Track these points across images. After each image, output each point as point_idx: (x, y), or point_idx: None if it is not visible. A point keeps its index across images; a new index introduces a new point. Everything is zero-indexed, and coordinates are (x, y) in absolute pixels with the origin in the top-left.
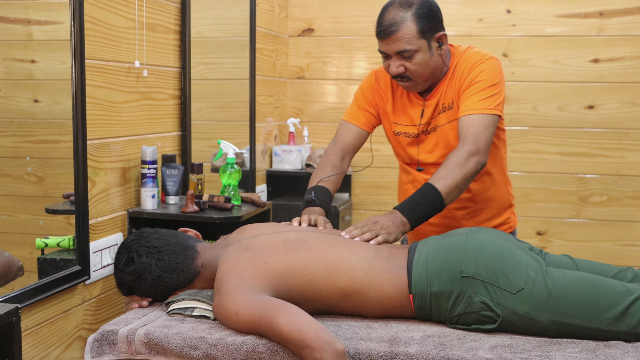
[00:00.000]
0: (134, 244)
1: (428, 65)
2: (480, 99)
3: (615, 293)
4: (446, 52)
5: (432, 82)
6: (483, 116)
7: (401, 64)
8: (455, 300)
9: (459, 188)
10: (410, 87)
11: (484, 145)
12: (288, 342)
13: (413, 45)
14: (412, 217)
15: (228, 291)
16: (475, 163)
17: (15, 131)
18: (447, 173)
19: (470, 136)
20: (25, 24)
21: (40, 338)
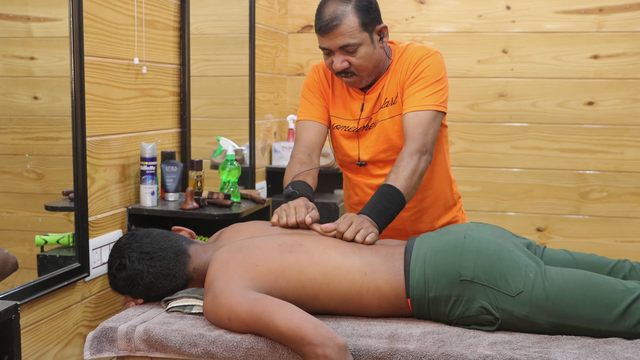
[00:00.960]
0: (125, 249)
1: (372, 59)
2: (426, 95)
3: (614, 293)
4: (387, 46)
5: (375, 76)
6: (429, 112)
7: (345, 59)
8: (453, 305)
9: (415, 187)
10: (354, 82)
11: (431, 143)
12: (288, 340)
13: (356, 38)
14: (381, 221)
15: (217, 295)
16: (426, 161)
17: (14, 128)
18: (404, 174)
19: (419, 134)
20: (25, 20)
21: (39, 335)
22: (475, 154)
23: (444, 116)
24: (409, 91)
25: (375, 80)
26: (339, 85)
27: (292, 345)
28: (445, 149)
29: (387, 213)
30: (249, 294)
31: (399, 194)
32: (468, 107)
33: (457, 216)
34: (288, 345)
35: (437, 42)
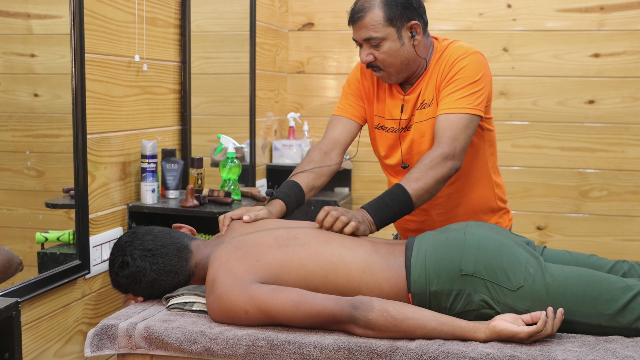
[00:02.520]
0: (127, 247)
1: (398, 55)
2: (460, 97)
3: (615, 289)
4: (423, 44)
5: (408, 74)
6: (461, 116)
7: (370, 52)
8: (454, 299)
9: (430, 192)
10: (383, 77)
11: (460, 149)
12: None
13: (379, 32)
14: (378, 218)
15: (225, 293)
16: (450, 168)
17: (15, 125)
18: (419, 175)
19: (447, 138)
20: (25, 17)
21: (40, 332)
22: None
23: (479, 119)
24: (444, 93)
25: (415, 80)
26: (384, 85)
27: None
28: (488, 153)
29: (387, 211)
30: (261, 286)
31: (405, 193)
32: None
33: (499, 223)
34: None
35: None
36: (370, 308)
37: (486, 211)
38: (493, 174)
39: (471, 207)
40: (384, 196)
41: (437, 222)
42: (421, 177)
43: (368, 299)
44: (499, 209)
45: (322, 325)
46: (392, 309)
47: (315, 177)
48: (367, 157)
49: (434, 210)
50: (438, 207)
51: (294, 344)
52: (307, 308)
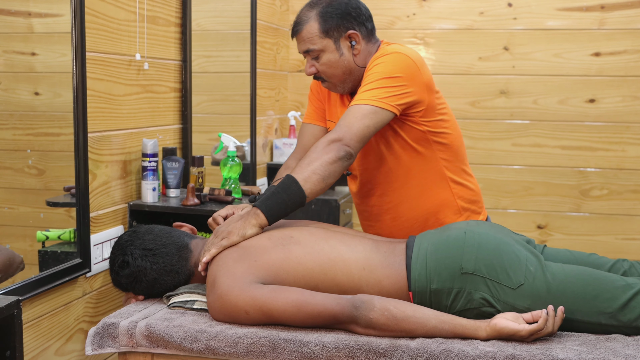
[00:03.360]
0: (128, 246)
1: (338, 66)
2: (365, 91)
3: (615, 287)
4: (367, 52)
5: (353, 83)
6: (361, 107)
7: (312, 64)
8: (455, 297)
9: (321, 175)
10: (329, 87)
11: (351, 134)
12: (323, 322)
13: (316, 44)
14: (265, 206)
15: (225, 293)
16: (337, 150)
17: (15, 124)
18: (305, 160)
19: (339, 126)
20: (26, 16)
21: (41, 330)
22: (476, 151)
23: (390, 115)
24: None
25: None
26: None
27: (328, 324)
28: (438, 156)
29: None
30: (262, 287)
31: (290, 179)
32: (469, 104)
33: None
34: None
35: (438, 39)
36: (371, 307)
37: (446, 212)
38: (453, 175)
39: (426, 209)
40: (271, 186)
41: (392, 226)
42: (305, 161)
43: (369, 297)
44: (462, 210)
45: (323, 325)
46: (393, 308)
47: None
48: None
49: (386, 215)
50: (389, 211)
51: (294, 343)
52: (308, 309)
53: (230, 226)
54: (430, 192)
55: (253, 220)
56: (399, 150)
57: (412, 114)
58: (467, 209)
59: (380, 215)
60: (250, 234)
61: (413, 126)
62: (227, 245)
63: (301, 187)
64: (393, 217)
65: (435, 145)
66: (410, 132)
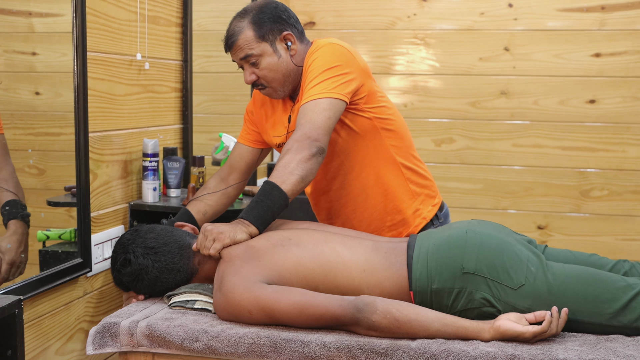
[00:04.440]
0: (130, 244)
1: (278, 69)
2: (312, 86)
3: (616, 288)
4: (302, 52)
5: (293, 85)
6: (317, 101)
7: (252, 71)
8: (456, 297)
9: (297, 174)
10: (270, 94)
11: (317, 128)
12: (325, 324)
13: (254, 49)
14: (252, 216)
15: (231, 290)
16: (309, 147)
17: (16, 124)
18: (281, 164)
19: (301, 125)
20: (27, 16)
21: (42, 330)
22: (476, 151)
23: (344, 104)
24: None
25: (298, 88)
26: (278, 105)
27: (330, 325)
28: (387, 143)
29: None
30: (266, 287)
31: (270, 184)
32: (470, 104)
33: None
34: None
35: (439, 39)
36: (373, 310)
37: (402, 198)
38: (404, 160)
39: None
40: (254, 196)
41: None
42: (284, 164)
43: (371, 299)
44: (415, 194)
45: (325, 327)
46: (395, 310)
47: (209, 203)
48: None
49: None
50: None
51: (295, 342)
52: (310, 311)
53: (221, 228)
54: (384, 178)
55: (243, 227)
56: (349, 141)
57: (356, 101)
58: (420, 193)
59: (339, 210)
60: (240, 238)
61: (359, 114)
62: (220, 248)
63: (282, 191)
64: (352, 209)
65: (384, 132)
66: (358, 121)
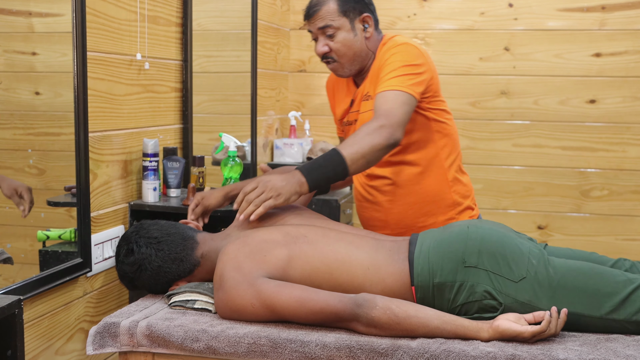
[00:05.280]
0: (133, 236)
1: (351, 46)
2: (392, 77)
3: (616, 282)
4: (374, 38)
5: (360, 66)
6: (397, 93)
7: (325, 43)
8: (458, 290)
9: (366, 158)
10: (336, 68)
11: (397, 120)
12: (325, 319)
13: (335, 21)
14: (310, 177)
15: (234, 287)
16: (387, 136)
17: (16, 123)
18: (355, 141)
19: (384, 111)
20: (27, 16)
21: (42, 330)
22: (476, 151)
23: (416, 102)
24: (380, 79)
25: (364, 72)
26: (338, 85)
27: (329, 323)
28: (440, 145)
29: (321, 170)
30: (268, 281)
31: (338, 155)
32: (470, 104)
33: (454, 219)
34: (324, 324)
35: (439, 39)
36: (373, 306)
37: (440, 204)
38: (450, 168)
39: (422, 197)
40: (319, 158)
41: (388, 208)
42: (357, 142)
43: (371, 296)
44: (456, 204)
45: (325, 323)
46: (395, 307)
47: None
48: None
49: (384, 196)
50: (388, 193)
51: (295, 342)
52: (310, 305)
53: (278, 186)
54: (428, 180)
55: (297, 188)
56: (405, 136)
57: (421, 99)
58: (461, 203)
59: (376, 197)
60: (293, 200)
61: (420, 112)
62: (273, 205)
63: (347, 169)
64: (390, 200)
65: (437, 135)
66: (417, 119)
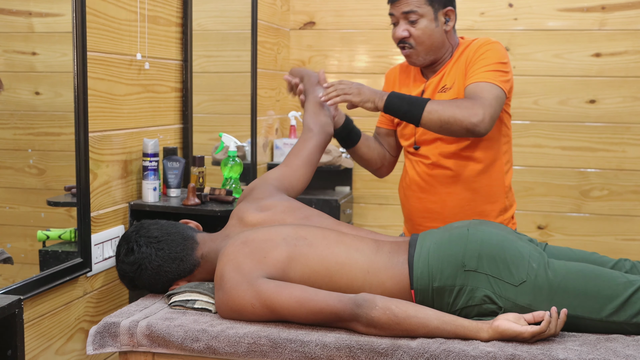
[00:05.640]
0: (133, 235)
1: (431, 35)
2: (487, 71)
3: (616, 284)
4: (453, 33)
5: (434, 58)
6: (492, 85)
7: (406, 28)
8: (457, 294)
9: (441, 123)
10: (410, 55)
11: (490, 112)
12: (325, 319)
13: (420, 8)
14: (390, 100)
15: (234, 287)
16: (472, 120)
17: (16, 123)
18: (444, 104)
19: (481, 98)
20: (27, 16)
21: (42, 330)
22: None
23: (505, 98)
24: (472, 71)
25: (437, 66)
26: (403, 75)
27: (329, 322)
28: (502, 150)
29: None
30: (268, 282)
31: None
32: None
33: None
34: (325, 323)
35: None
36: (373, 306)
37: (494, 206)
38: (506, 174)
39: (479, 196)
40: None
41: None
42: (444, 106)
43: (371, 296)
44: (506, 210)
45: (325, 323)
46: (394, 307)
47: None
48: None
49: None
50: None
51: (295, 342)
52: (310, 305)
53: (363, 90)
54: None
55: (376, 98)
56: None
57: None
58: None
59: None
60: (369, 107)
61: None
62: (349, 100)
63: (420, 116)
64: (449, 192)
65: (503, 139)
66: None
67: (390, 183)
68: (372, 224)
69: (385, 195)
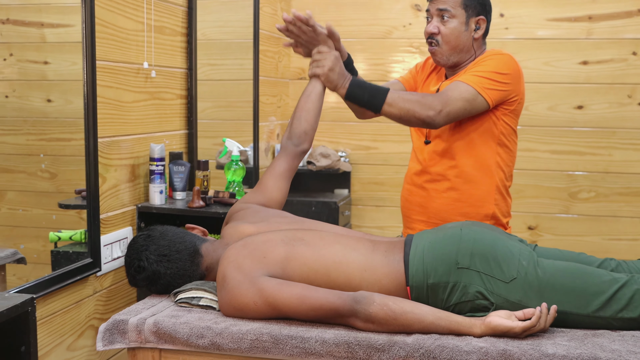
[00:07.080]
0: (143, 251)
1: (458, 37)
2: (476, 75)
3: (602, 282)
4: (480, 43)
5: (457, 60)
6: (466, 86)
7: (437, 25)
8: (451, 291)
9: (400, 115)
10: (435, 52)
11: (448, 110)
12: (325, 315)
13: (454, 9)
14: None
15: (236, 286)
16: (427, 115)
17: (29, 129)
18: (407, 96)
19: (443, 94)
20: (39, 26)
21: (54, 327)
22: None
23: (485, 105)
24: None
25: (458, 69)
26: (435, 69)
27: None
28: (495, 158)
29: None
30: (269, 280)
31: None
32: None
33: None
34: (325, 320)
35: None
36: (371, 302)
37: (479, 211)
38: (498, 182)
39: (464, 197)
40: (371, 84)
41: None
42: (406, 98)
43: (369, 293)
44: (494, 217)
45: (325, 319)
46: (392, 303)
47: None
48: (366, 160)
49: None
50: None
51: (296, 339)
52: (310, 301)
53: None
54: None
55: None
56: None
57: (498, 107)
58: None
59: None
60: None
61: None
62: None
63: (382, 106)
64: (436, 189)
65: (499, 148)
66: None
67: (388, 185)
68: (370, 225)
69: (383, 197)
